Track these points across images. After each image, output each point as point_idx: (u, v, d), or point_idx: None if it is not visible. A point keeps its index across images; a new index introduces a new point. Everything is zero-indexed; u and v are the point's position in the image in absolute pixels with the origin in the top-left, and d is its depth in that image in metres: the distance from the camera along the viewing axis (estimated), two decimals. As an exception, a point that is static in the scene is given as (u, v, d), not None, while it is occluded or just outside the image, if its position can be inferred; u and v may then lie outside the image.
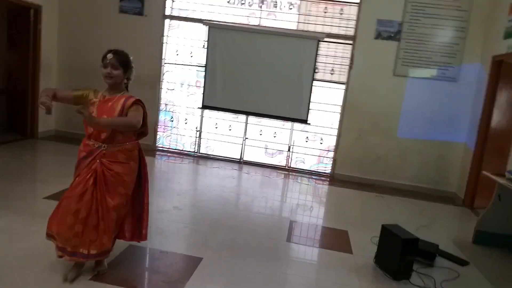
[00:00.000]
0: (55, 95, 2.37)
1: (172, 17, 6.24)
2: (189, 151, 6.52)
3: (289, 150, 6.33)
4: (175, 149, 6.57)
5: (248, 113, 6.20)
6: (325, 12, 5.92)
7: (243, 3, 6.08)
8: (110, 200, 2.35)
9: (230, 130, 6.44)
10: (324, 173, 6.20)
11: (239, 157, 6.38)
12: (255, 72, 5.99)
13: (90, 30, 6.27)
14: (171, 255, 2.98)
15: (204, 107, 6.24)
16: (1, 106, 6.44)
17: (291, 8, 6.04)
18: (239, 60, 6.02)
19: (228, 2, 6.09)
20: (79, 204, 2.31)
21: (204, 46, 6.16)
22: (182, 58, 6.35)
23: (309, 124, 6.09)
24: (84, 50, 6.30)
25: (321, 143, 6.27)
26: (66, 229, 2.30)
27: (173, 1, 6.20)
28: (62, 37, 6.39)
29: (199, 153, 6.49)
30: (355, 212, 4.76)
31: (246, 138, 6.37)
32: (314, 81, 5.90)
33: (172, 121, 6.61)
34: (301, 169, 6.28)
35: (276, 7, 6.06)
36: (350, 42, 5.84)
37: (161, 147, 6.57)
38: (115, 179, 2.36)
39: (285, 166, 6.31)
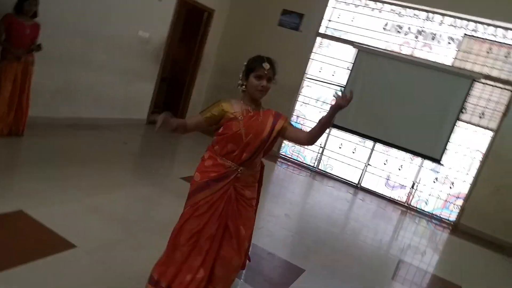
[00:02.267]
0: (178, 127, 1.87)
1: (324, 36, 6.49)
2: (308, 165, 6.70)
3: (412, 187, 6.01)
4: (296, 159, 6.82)
5: (376, 140, 6.08)
6: (488, 53, 5.47)
7: (399, 31, 6.00)
8: (243, 230, 2.04)
9: (353, 153, 6.41)
10: (447, 220, 5.72)
11: (357, 182, 6.31)
12: (395, 101, 5.86)
13: (248, 38, 6.91)
14: (276, 258, 3.17)
15: (333, 125, 6.32)
16: (161, 92, 7.54)
17: (449, 43, 5.72)
18: (381, 86, 5.95)
19: (383, 28, 6.08)
20: (214, 244, 1.99)
21: (348, 67, 6.26)
22: (324, 76, 6.56)
23: (442, 165, 5.69)
24: (240, 54, 6.89)
25: (450, 188, 5.80)
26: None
27: (329, 21, 6.45)
28: (223, 41, 7.20)
29: (318, 168, 6.61)
30: (475, 269, 4.33)
31: (368, 165, 6.26)
32: (458, 122, 5.51)
33: (300, 132, 6.86)
34: (422, 209, 5.90)
35: (433, 39, 5.82)
36: (510, 88, 5.29)
37: (283, 155, 6.89)
38: (246, 205, 2.04)
39: (404, 203, 6.02)
